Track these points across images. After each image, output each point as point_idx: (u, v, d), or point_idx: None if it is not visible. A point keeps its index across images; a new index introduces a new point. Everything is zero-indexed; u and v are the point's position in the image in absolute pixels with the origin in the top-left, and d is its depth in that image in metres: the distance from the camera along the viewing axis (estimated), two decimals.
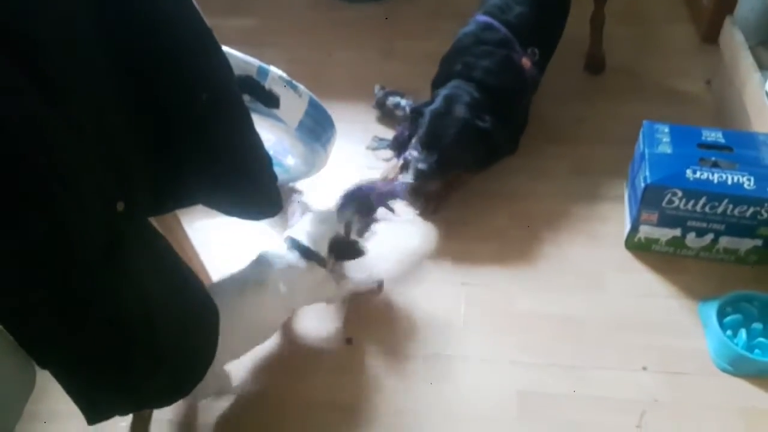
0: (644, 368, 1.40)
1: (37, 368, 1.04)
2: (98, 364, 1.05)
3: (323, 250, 1.41)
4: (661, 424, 1.32)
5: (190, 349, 1.21)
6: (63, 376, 1.06)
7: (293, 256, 1.39)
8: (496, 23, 1.74)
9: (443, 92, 1.69)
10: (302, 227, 1.44)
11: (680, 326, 1.47)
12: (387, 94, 1.98)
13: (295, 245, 1.40)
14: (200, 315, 1.24)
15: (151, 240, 1.09)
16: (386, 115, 1.99)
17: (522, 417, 1.35)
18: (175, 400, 1.32)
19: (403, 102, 1.95)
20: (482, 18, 1.77)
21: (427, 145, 1.65)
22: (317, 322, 1.55)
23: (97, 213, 0.93)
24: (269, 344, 1.50)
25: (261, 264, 1.39)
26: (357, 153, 1.91)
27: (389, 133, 1.94)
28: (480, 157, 1.72)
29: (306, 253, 1.39)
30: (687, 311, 1.49)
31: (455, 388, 1.41)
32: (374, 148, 1.92)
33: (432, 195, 1.76)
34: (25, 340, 0.97)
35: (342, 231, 1.48)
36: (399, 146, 1.85)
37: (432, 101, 1.71)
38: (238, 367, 1.44)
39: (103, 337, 1.00)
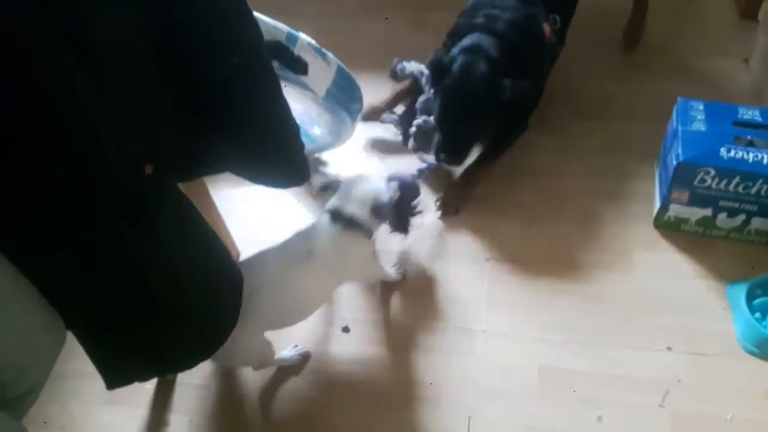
0: (669, 348, 1.39)
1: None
2: (124, 329, 1.06)
3: (366, 218, 1.34)
4: (684, 404, 1.31)
5: (213, 313, 1.21)
6: (87, 338, 1.07)
7: (337, 229, 1.33)
8: None
9: (460, 51, 1.58)
10: (340, 199, 1.37)
11: (707, 307, 1.45)
12: (399, 62, 1.84)
13: (338, 217, 1.34)
14: (225, 279, 1.24)
15: (178, 205, 1.09)
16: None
17: (543, 393, 1.36)
18: (197, 363, 1.33)
19: (413, 68, 1.81)
20: None
21: (443, 124, 1.60)
22: (341, 294, 1.56)
23: (126, 175, 0.93)
24: None
25: (306, 236, 1.34)
26: (384, 125, 1.89)
27: None
28: (502, 125, 1.66)
29: (350, 223, 1.33)
30: (715, 292, 1.47)
31: (477, 363, 1.41)
32: (386, 122, 1.87)
33: (452, 197, 1.70)
34: (54, 299, 0.99)
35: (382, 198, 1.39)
36: (407, 124, 1.76)
37: (448, 59, 1.59)
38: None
39: (130, 301, 1.01)
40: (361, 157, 1.82)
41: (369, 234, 1.36)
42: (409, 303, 1.52)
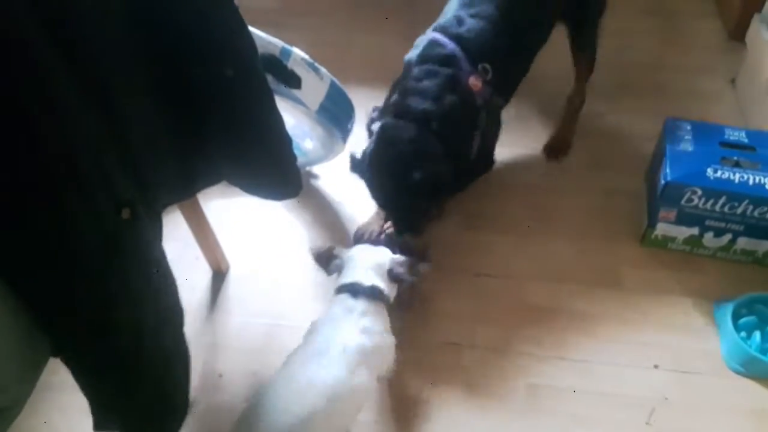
0: (656, 366, 1.40)
1: None
2: (92, 370, 1.02)
3: (385, 286, 1.26)
4: (670, 423, 1.32)
5: (172, 376, 1.14)
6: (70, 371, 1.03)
7: (363, 303, 1.22)
8: (444, 39, 1.49)
9: (373, 140, 1.47)
10: (354, 267, 1.28)
11: (694, 326, 1.46)
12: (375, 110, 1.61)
13: (359, 291, 1.23)
14: (180, 349, 1.17)
15: (149, 261, 1.02)
16: None
17: (529, 409, 1.36)
18: None
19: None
20: (431, 35, 1.53)
21: (385, 209, 1.55)
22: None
23: (105, 216, 0.89)
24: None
25: (332, 327, 1.20)
26: None
27: None
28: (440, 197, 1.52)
29: (372, 292, 1.24)
30: (701, 311, 1.49)
31: (464, 378, 1.41)
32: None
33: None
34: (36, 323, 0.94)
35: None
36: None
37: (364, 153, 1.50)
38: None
39: (94, 344, 0.97)
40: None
41: (389, 303, 1.28)
42: (396, 316, 1.52)
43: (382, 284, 1.26)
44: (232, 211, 1.74)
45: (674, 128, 1.60)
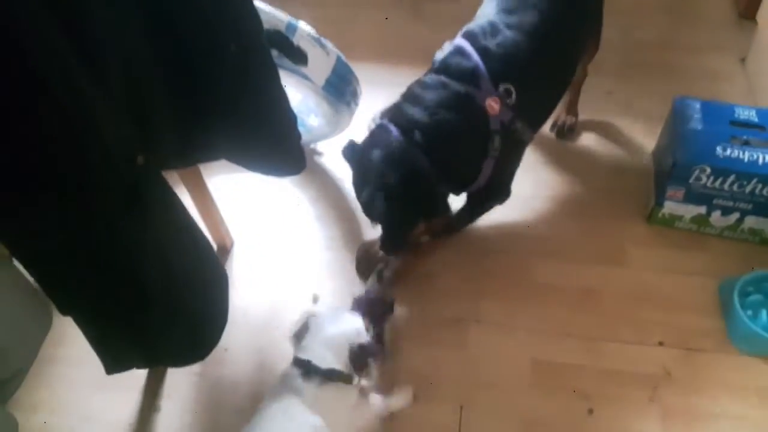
0: (660, 343, 1.40)
1: (56, 311, 1.05)
2: (116, 315, 1.06)
3: (344, 363, 1.17)
4: (674, 399, 1.32)
5: (203, 310, 1.21)
6: (83, 324, 1.07)
7: (312, 387, 1.13)
8: (470, 48, 1.36)
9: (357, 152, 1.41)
10: (312, 343, 1.19)
11: (699, 304, 1.46)
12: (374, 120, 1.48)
13: (311, 369, 1.15)
14: (213, 276, 1.24)
15: (167, 196, 1.09)
16: None
17: (535, 385, 1.36)
18: (190, 363, 1.34)
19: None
20: (459, 41, 1.40)
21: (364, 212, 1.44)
22: (328, 284, 1.56)
23: (120, 163, 0.93)
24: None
25: (274, 413, 1.13)
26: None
27: None
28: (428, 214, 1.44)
29: (327, 375, 1.15)
30: (707, 289, 1.48)
31: (470, 354, 1.42)
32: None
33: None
34: (47, 286, 0.98)
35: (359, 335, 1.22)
36: None
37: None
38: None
39: (122, 288, 1.01)
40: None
41: (350, 380, 1.18)
42: (402, 292, 1.52)
43: (341, 365, 1.16)
44: (237, 187, 1.74)
45: (683, 107, 1.58)
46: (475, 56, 1.35)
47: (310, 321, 1.23)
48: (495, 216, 1.64)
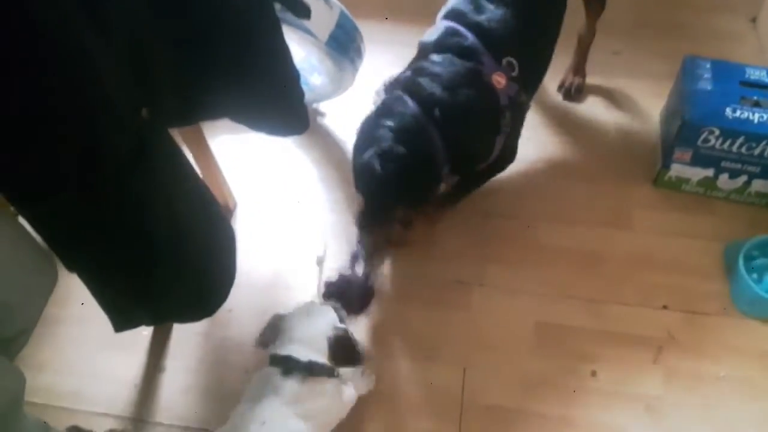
0: (664, 307, 1.40)
1: (61, 272, 1.04)
2: (124, 272, 1.05)
3: (325, 355, 1.11)
4: (677, 362, 1.33)
5: (211, 266, 1.22)
6: (89, 281, 1.07)
7: (293, 384, 1.07)
8: (461, 28, 1.33)
9: (365, 120, 1.34)
10: (289, 337, 1.13)
11: (704, 267, 1.46)
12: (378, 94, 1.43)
13: (291, 365, 1.09)
14: (220, 232, 1.24)
15: (172, 151, 1.07)
16: None
17: (538, 347, 1.37)
18: (198, 319, 1.34)
19: None
20: (446, 23, 1.37)
21: (359, 191, 1.36)
22: (332, 246, 1.55)
23: (123, 116, 0.92)
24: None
25: (254, 405, 1.06)
26: (385, 76, 1.86)
27: None
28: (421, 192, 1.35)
29: (309, 369, 1.09)
30: (712, 253, 1.48)
31: (473, 317, 1.42)
32: None
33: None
34: (54, 243, 0.98)
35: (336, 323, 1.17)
36: None
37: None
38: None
39: (130, 244, 1.00)
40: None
41: (332, 373, 1.12)
42: (405, 255, 1.52)
43: (320, 357, 1.10)
44: (240, 148, 1.72)
45: (693, 66, 1.55)
46: (470, 35, 1.32)
47: (279, 322, 1.16)
48: (499, 179, 1.62)
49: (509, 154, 1.50)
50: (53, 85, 0.79)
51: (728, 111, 1.44)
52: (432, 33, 1.37)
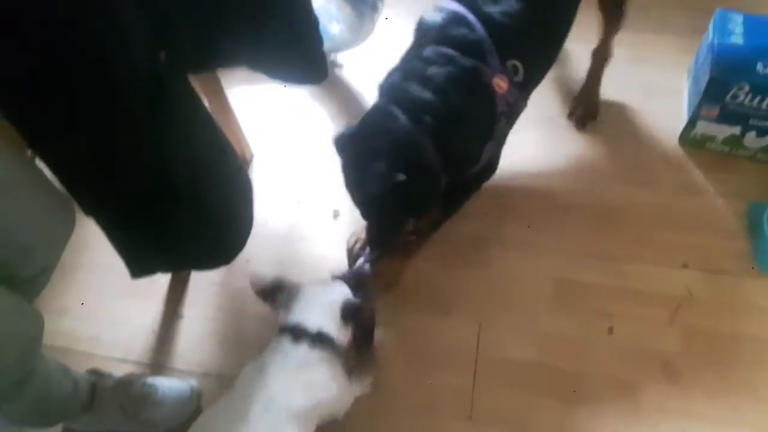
0: (684, 265, 1.38)
1: (80, 219, 1.04)
2: (142, 217, 1.05)
3: (337, 327, 1.07)
4: (695, 320, 1.32)
5: (229, 213, 1.21)
6: (107, 226, 1.07)
7: (302, 350, 1.04)
8: (471, 17, 1.18)
9: (347, 137, 1.21)
10: (298, 311, 1.08)
11: (727, 226, 1.43)
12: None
13: (301, 334, 1.05)
14: (238, 180, 1.23)
15: (192, 98, 1.06)
16: None
17: (556, 304, 1.36)
18: (216, 266, 1.34)
19: None
20: (453, 5, 1.21)
21: (364, 218, 1.27)
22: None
23: (143, 59, 0.90)
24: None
25: (260, 374, 1.03)
26: (406, 26, 1.81)
27: None
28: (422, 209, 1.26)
29: (318, 339, 1.05)
30: (735, 212, 1.45)
31: (491, 273, 1.41)
32: None
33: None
34: (72, 187, 0.97)
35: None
36: None
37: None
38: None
39: (147, 189, 1.00)
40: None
41: (341, 350, 1.08)
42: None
43: (331, 328, 1.06)
44: (256, 99, 1.70)
45: (724, 20, 1.50)
46: (479, 26, 1.18)
47: (297, 289, 1.11)
48: (520, 136, 1.60)
49: (494, 162, 1.36)
50: (70, 25, 0.77)
51: (759, 66, 1.39)
52: (436, 14, 1.23)
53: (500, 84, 1.18)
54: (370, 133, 1.17)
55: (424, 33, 1.23)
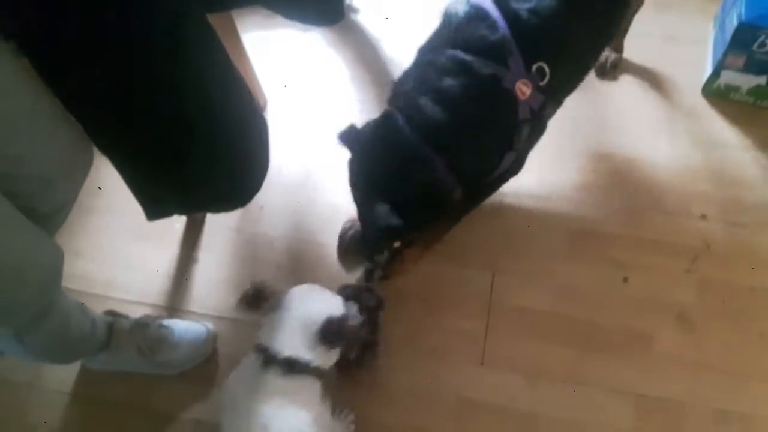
0: (703, 216, 1.37)
1: (97, 162, 1.04)
2: (157, 157, 1.04)
3: (313, 349, 0.98)
4: (711, 271, 1.31)
5: (244, 155, 1.20)
6: (122, 166, 1.06)
7: (275, 377, 0.95)
8: (495, 13, 1.07)
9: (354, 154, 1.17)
10: (271, 331, 0.99)
11: (748, 179, 1.41)
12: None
13: (271, 360, 0.96)
14: (253, 123, 1.21)
15: (209, 37, 1.04)
16: None
17: (570, 253, 1.35)
18: (230, 209, 1.34)
19: None
20: None
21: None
22: None
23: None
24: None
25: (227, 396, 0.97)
26: None
27: None
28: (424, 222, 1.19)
29: (288, 365, 0.95)
30: (757, 164, 1.43)
31: (505, 223, 1.40)
32: None
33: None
34: (88, 125, 0.96)
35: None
36: None
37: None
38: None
39: (163, 128, 0.99)
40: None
41: (320, 372, 0.99)
42: None
43: (304, 353, 0.97)
44: (271, 46, 1.67)
45: None
46: (503, 24, 1.06)
47: (277, 302, 1.03)
48: None
49: (516, 167, 1.27)
50: None
51: None
52: (460, 5, 1.11)
53: (523, 89, 1.08)
54: (377, 142, 1.13)
55: (446, 23, 1.14)
